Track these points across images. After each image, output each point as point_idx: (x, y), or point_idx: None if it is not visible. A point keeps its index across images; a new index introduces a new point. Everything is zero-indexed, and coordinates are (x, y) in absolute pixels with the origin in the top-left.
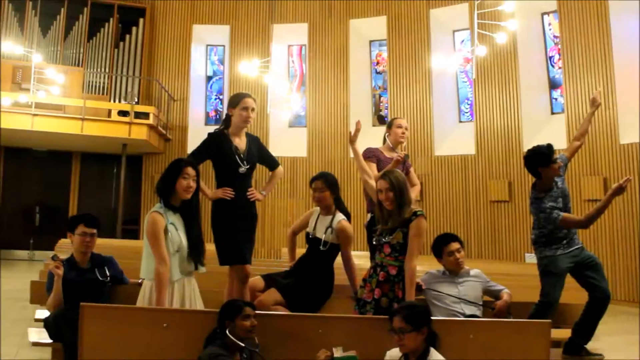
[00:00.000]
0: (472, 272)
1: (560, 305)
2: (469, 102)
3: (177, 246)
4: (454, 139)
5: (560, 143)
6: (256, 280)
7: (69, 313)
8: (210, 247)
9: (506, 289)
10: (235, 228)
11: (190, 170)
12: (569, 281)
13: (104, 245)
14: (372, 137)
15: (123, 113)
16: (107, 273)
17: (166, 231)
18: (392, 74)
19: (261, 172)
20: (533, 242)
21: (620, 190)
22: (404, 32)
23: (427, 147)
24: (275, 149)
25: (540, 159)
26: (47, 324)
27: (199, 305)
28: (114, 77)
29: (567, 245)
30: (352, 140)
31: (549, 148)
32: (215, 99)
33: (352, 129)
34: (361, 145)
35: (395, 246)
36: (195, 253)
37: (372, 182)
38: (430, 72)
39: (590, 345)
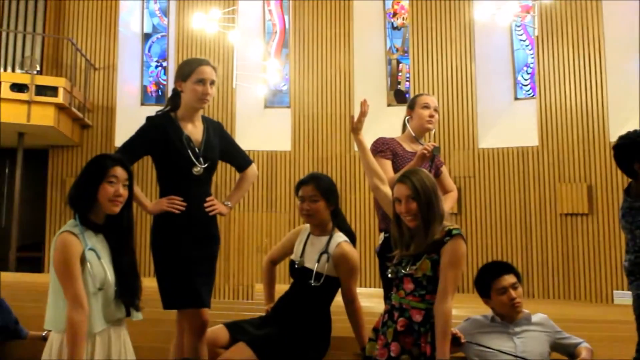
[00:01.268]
0: (534, 319)
1: None
2: (530, 71)
3: (100, 282)
4: (508, 125)
5: None
6: (217, 331)
7: None
8: (149, 283)
9: (585, 343)
10: (187, 256)
11: (119, 172)
12: None
13: None
14: (387, 122)
15: (18, 87)
16: None
17: (84, 260)
18: (416, 31)
19: (225, 174)
20: (627, 272)
21: None
22: None
23: (468, 137)
24: (245, 140)
25: (637, 151)
26: None
27: None
28: (3, 35)
29: None
30: (356, 127)
31: None
32: (157, 66)
33: (356, 112)
34: (370, 135)
35: (420, 280)
36: (126, 292)
37: (386, 189)
38: (472, 27)
39: None
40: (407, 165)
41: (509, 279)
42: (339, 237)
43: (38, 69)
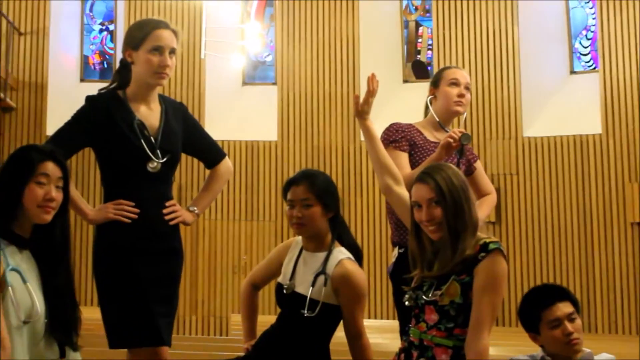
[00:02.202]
0: (597, 359)
1: None
2: (590, 36)
3: (26, 313)
4: (562, 106)
5: None
6: None
7: None
8: (91, 314)
9: None
10: (140, 277)
11: (51, 169)
12: None
13: None
14: (402, 103)
15: None
16: None
17: (4, 284)
18: None
19: (191, 170)
20: None
21: None
22: None
23: (509, 122)
24: (217, 127)
25: None
26: None
27: None
28: None
29: None
30: (362, 110)
31: None
32: (101, 31)
33: (363, 90)
34: (380, 120)
35: (447, 310)
36: (60, 326)
37: (401, 190)
38: None
39: None
40: (430, 158)
41: (564, 307)
42: (340, 253)
43: None
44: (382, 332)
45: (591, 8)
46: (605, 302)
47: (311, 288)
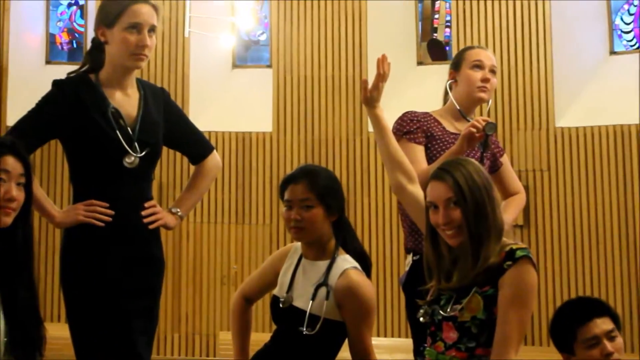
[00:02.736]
0: None
1: None
2: (633, 11)
3: None
4: (600, 92)
5: None
6: None
7: None
8: (57, 332)
9: None
10: (114, 289)
11: (11, 164)
12: None
13: None
14: (417, 89)
15: None
16: None
17: None
18: None
19: (174, 166)
20: None
21: None
22: None
23: (540, 111)
24: (203, 117)
25: None
26: None
27: None
28: None
29: None
30: (371, 97)
31: None
32: (70, 5)
33: (372, 74)
34: (392, 108)
35: (468, 327)
36: (22, 345)
37: (415, 189)
38: None
39: None
40: (448, 152)
41: (603, 324)
42: (345, 261)
43: None
44: (393, 352)
45: None
46: None
47: (311, 302)
